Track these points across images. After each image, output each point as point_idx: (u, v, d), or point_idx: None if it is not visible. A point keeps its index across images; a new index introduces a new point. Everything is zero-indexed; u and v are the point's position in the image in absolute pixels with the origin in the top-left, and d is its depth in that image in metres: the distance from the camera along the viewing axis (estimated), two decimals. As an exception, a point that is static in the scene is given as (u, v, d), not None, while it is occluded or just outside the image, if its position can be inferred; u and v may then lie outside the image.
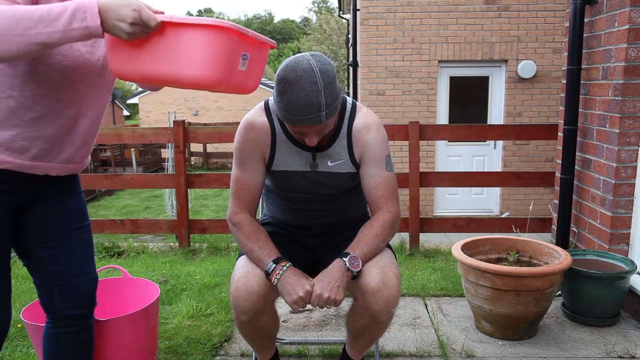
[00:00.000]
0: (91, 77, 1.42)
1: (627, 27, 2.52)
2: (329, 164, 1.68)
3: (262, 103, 1.71)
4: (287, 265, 1.56)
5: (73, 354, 1.61)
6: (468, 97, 7.71)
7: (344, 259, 1.56)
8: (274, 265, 1.55)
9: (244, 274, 1.59)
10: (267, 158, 1.69)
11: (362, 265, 1.57)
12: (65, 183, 1.54)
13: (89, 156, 1.55)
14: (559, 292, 2.70)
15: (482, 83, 7.67)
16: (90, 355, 1.67)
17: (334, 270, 1.54)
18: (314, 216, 1.78)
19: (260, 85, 20.86)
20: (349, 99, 1.72)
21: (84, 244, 1.58)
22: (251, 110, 1.72)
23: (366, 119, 1.67)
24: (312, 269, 1.80)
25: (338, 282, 1.52)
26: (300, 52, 1.55)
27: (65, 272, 1.53)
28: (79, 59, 1.37)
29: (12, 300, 1.46)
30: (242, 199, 1.69)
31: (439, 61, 7.46)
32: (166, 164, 8.61)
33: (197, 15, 68.68)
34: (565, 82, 2.98)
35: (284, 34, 60.90)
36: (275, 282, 1.54)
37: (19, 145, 1.32)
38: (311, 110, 1.45)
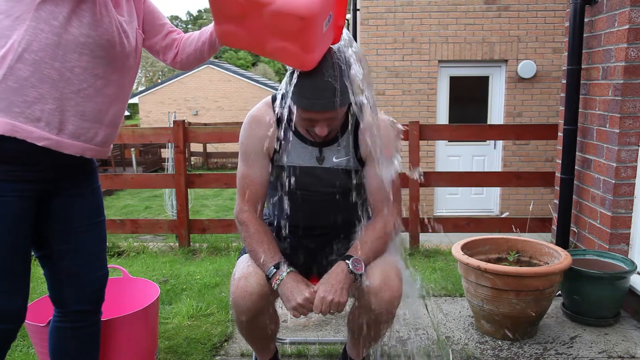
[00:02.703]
0: (126, 57, 1.46)
1: (627, 27, 2.52)
2: (334, 159, 1.67)
3: (268, 98, 1.70)
4: (288, 270, 1.54)
5: (80, 348, 1.62)
6: (468, 97, 7.70)
7: (347, 261, 1.55)
8: (275, 270, 1.54)
9: (244, 274, 1.59)
10: (272, 153, 1.68)
11: (365, 268, 1.57)
12: (87, 175, 1.56)
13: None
14: (559, 292, 2.70)
15: (482, 83, 7.66)
16: (97, 350, 1.68)
17: (337, 273, 1.54)
18: (316, 216, 1.77)
19: (260, 85, 20.90)
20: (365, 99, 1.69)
21: (99, 239, 1.60)
22: (256, 105, 1.71)
23: (374, 118, 1.66)
24: (313, 271, 1.80)
25: (341, 284, 1.51)
26: None
27: (79, 266, 1.54)
28: (116, 36, 1.41)
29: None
30: (248, 195, 1.68)
31: (439, 61, 7.46)
32: (166, 164, 8.60)
33: (196, 16, 68.57)
34: (565, 82, 2.98)
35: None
36: (276, 287, 1.53)
37: (58, 120, 1.34)
38: (326, 94, 1.43)
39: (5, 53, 1.27)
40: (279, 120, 1.65)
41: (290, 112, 1.62)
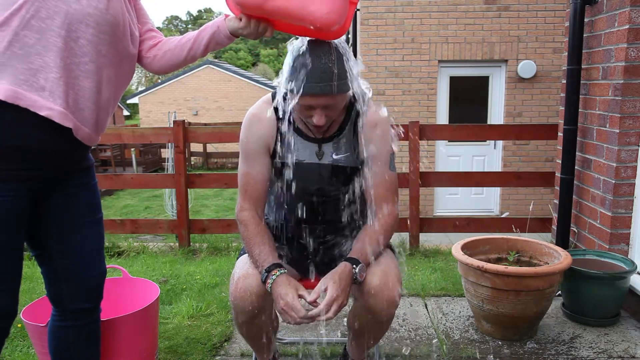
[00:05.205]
0: (128, 43, 1.48)
1: (627, 27, 2.52)
2: (334, 156, 1.66)
3: (268, 95, 1.70)
4: (279, 273, 1.52)
5: (81, 346, 1.62)
6: (468, 97, 7.71)
7: (354, 266, 1.54)
8: (267, 274, 1.53)
9: (243, 273, 1.59)
10: (272, 150, 1.67)
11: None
12: (83, 172, 1.55)
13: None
14: (559, 292, 2.70)
15: (482, 83, 7.66)
16: (97, 347, 1.68)
17: (346, 274, 1.53)
18: (315, 213, 1.77)
19: (260, 85, 20.90)
20: (365, 95, 1.68)
21: (96, 237, 1.59)
22: (255, 103, 1.71)
23: (374, 116, 1.66)
24: (311, 269, 1.80)
25: (348, 286, 1.52)
26: None
27: (76, 265, 1.53)
28: (120, 15, 1.43)
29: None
30: (249, 193, 1.68)
31: (439, 61, 7.46)
32: (166, 164, 8.61)
33: (196, 16, 68.54)
34: (565, 82, 2.98)
35: (284, 34, 60.83)
36: (269, 288, 1.53)
37: (62, 90, 1.34)
38: (323, 77, 1.43)
39: (10, 17, 1.27)
40: (278, 117, 1.65)
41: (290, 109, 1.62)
